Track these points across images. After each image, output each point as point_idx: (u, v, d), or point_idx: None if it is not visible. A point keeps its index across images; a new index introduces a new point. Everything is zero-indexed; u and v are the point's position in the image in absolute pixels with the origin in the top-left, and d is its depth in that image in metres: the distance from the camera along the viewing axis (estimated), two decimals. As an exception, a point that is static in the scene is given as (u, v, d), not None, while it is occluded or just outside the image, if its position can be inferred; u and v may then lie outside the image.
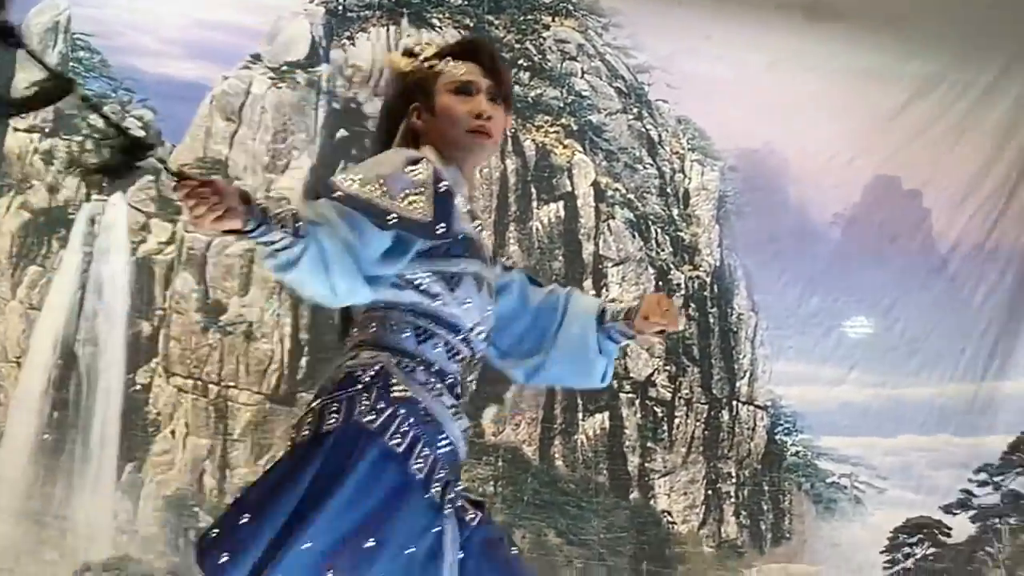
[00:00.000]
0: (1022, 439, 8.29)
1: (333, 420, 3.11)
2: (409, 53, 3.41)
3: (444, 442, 3.26)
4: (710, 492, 7.85)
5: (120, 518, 7.03)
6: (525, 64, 7.85)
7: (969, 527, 8.06)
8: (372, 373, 3.18)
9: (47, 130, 7.31)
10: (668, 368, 7.89)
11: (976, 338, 8.14)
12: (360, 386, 3.16)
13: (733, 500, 7.89)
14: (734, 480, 7.91)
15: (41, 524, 7.00)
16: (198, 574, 6.25)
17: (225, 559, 3.04)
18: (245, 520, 3.07)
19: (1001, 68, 8.44)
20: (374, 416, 3.11)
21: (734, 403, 7.99)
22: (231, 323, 7.15)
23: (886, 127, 8.28)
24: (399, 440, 3.13)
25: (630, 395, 7.80)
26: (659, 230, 7.97)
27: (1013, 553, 8.12)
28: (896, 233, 8.30)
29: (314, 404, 3.18)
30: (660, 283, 7.93)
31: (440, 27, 7.73)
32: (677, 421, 7.87)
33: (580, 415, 7.66)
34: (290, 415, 7.14)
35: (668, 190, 8.02)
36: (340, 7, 7.63)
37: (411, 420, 3.18)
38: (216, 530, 3.12)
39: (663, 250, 7.96)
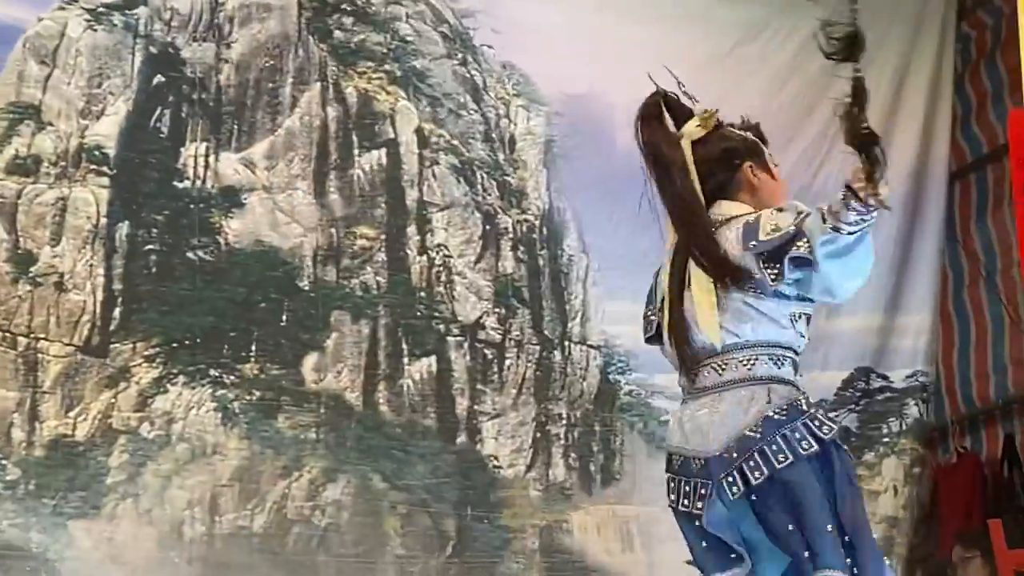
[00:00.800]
0: (855, 375, 8.43)
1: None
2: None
3: None
4: (539, 435, 7.90)
5: (-76, 472, 6.95)
6: (348, 9, 7.86)
7: (805, 462, 8.15)
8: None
9: None
10: (498, 310, 7.93)
11: (807, 278, 8.23)
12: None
13: (563, 442, 7.94)
14: (565, 421, 7.98)
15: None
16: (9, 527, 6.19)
17: None
18: None
19: (826, 13, 8.52)
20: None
21: (566, 343, 8.05)
22: (42, 274, 7.07)
23: (713, 70, 8.33)
24: None
25: (458, 338, 7.83)
26: (485, 175, 8.00)
27: (846, 487, 8.22)
28: (724, 175, 8.38)
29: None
30: (487, 227, 7.96)
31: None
32: (508, 363, 7.92)
33: (405, 360, 7.69)
34: (102, 366, 7.11)
35: (493, 135, 8.05)
36: (161, -50, 7.56)
37: None
38: None
39: (489, 195, 7.99)
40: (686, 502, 3.69)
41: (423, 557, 7.55)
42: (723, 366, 3.76)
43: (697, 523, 3.67)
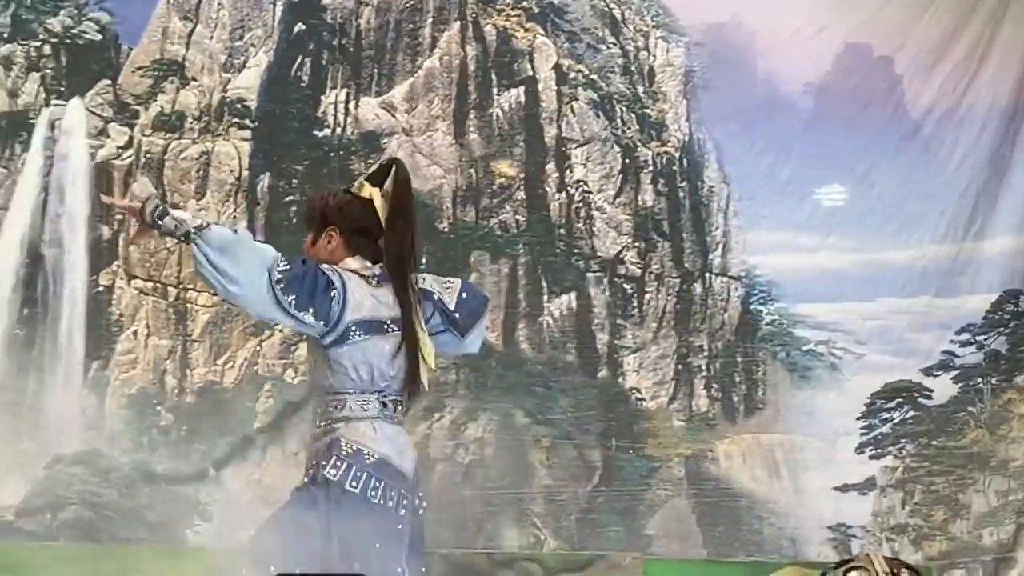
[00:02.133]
0: (1004, 298, 8.30)
1: None
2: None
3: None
4: (680, 367, 7.96)
5: (88, 414, 7.29)
6: (486, -54, 7.85)
7: (951, 388, 8.09)
8: None
9: (4, 35, 7.40)
10: (637, 245, 7.96)
11: (955, 200, 8.13)
12: None
13: (704, 373, 7.99)
14: (706, 353, 8.01)
15: (16, 415, 7.28)
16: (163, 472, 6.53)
17: None
18: None
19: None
20: None
21: (707, 275, 8.06)
22: (189, 227, 7.27)
23: (857, -4, 8.22)
24: None
25: (598, 274, 7.89)
26: (624, 108, 7.98)
27: (994, 412, 8.17)
28: (868, 100, 8.26)
29: None
30: (626, 161, 7.96)
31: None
32: (647, 297, 7.96)
33: (545, 298, 7.78)
34: (247, 316, 7.31)
35: (632, 68, 8.01)
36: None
37: None
38: None
39: (629, 128, 7.98)
40: (391, 504, 3.77)
41: (571, 486, 7.71)
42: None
43: (400, 526, 3.83)
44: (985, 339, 8.18)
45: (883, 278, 8.08)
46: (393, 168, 4.00)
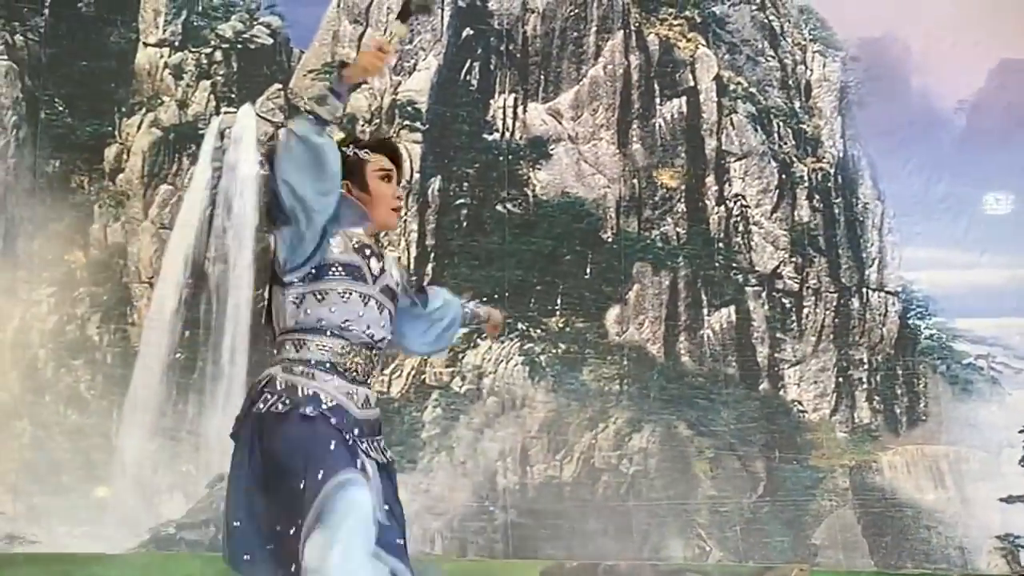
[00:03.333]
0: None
1: None
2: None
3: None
4: (841, 379, 7.87)
5: (252, 433, 7.14)
6: (648, -43, 7.86)
7: None
8: None
9: (175, 44, 7.37)
10: (794, 259, 7.90)
11: (1110, 216, 8.10)
12: None
13: (865, 386, 7.91)
14: (866, 366, 7.93)
15: (175, 439, 7.15)
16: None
17: None
18: None
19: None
20: None
21: (864, 290, 7.99)
22: (359, 233, 7.22)
23: (1011, 8, 8.18)
24: None
25: (756, 288, 7.82)
26: (781, 123, 7.95)
27: None
28: (1022, 116, 8.22)
29: None
30: (783, 176, 7.91)
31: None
32: (806, 311, 7.89)
33: (705, 311, 7.70)
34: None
35: (790, 82, 7.99)
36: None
37: None
38: None
39: (785, 143, 7.94)
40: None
41: (735, 497, 7.59)
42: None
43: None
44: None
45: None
46: None
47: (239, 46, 7.29)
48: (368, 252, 3.99)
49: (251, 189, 7.35)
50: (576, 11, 7.69)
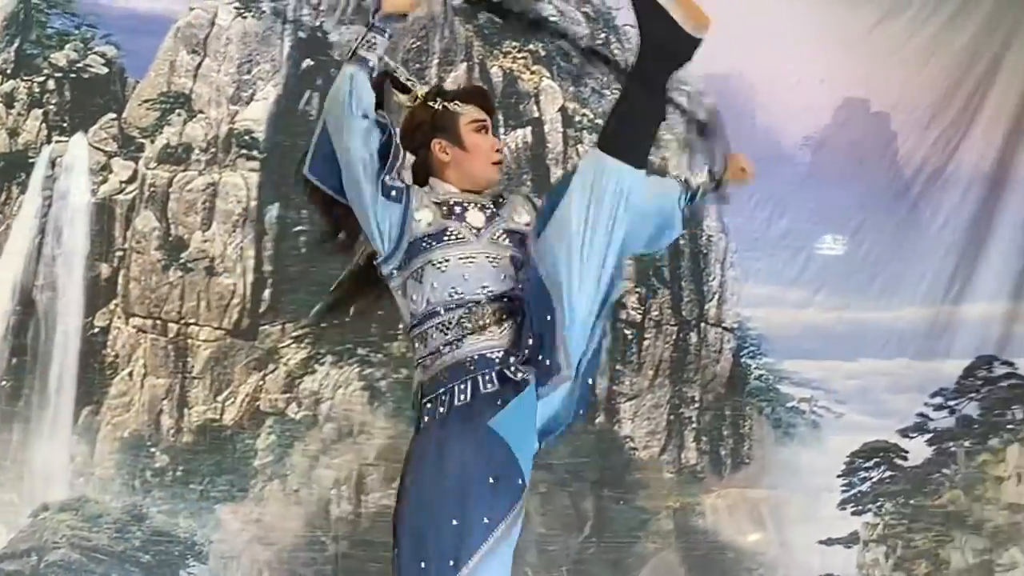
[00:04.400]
0: (977, 363, 8.38)
1: None
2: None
3: None
4: (672, 417, 7.93)
5: (77, 460, 7.05)
6: (493, -12, 7.82)
7: (925, 450, 8.19)
8: None
9: (8, 71, 7.26)
10: (639, 290, 7.93)
11: (936, 262, 8.23)
12: None
13: (695, 425, 7.97)
14: (697, 404, 7.99)
15: (-1, 468, 7.07)
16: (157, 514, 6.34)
17: None
18: None
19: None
20: None
21: (702, 325, 8.04)
22: (192, 259, 7.17)
23: (855, 49, 8.27)
24: None
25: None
26: (627, 156, 7.97)
27: (967, 475, 8.25)
28: (864, 156, 8.32)
29: None
30: (627, 208, 7.94)
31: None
32: (646, 343, 7.93)
33: (551, 340, 7.71)
34: (251, 349, 7.21)
35: (636, 116, 8.01)
36: (307, -64, 7.57)
37: None
38: None
39: (631, 175, 7.96)
40: None
41: (563, 536, 7.63)
42: None
43: None
44: (957, 404, 8.28)
45: (865, 337, 8.14)
46: None
47: (73, 75, 7.18)
48: (460, 208, 3.87)
49: (82, 218, 7.23)
50: (418, 43, 7.65)
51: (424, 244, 3.79)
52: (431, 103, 3.98)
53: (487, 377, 3.74)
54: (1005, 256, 8.27)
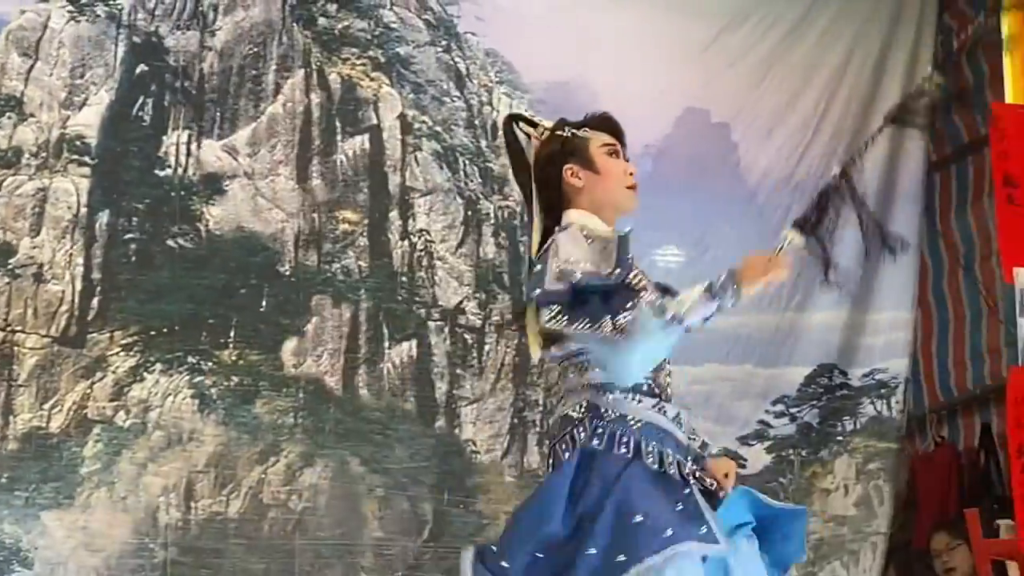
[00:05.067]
0: (818, 371, 8.49)
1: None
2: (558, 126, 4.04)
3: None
4: (515, 420, 7.98)
5: None
6: (333, -5, 7.90)
7: (764, 458, 8.27)
8: None
9: None
10: (478, 296, 8.00)
11: (780, 270, 8.30)
12: None
13: (538, 429, 8.02)
14: (540, 408, 8.05)
15: None
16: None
17: None
18: None
19: (809, 2, 8.60)
20: None
21: (545, 329, 8.08)
22: (21, 265, 7.15)
23: (696, 60, 8.40)
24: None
25: (439, 322, 7.91)
26: (467, 161, 8.05)
27: (800, 484, 8.35)
28: (706, 165, 8.44)
29: None
30: (469, 213, 8.02)
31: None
32: (487, 348, 7.99)
33: (386, 344, 7.78)
34: (79, 357, 7.19)
35: (476, 122, 8.10)
36: (144, -62, 7.60)
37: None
38: None
39: (472, 181, 8.05)
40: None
41: (401, 540, 7.65)
42: None
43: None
44: (798, 411, 8.37)
45: (710, 343, 8.18)
46: None
47: (-98, 75, 7.19)
48: None
49: None
50: (256, 50, 7.71)
51: None
52: (560, 132, 3.96)
53: None
54: (847, 264, 8.37)
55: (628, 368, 3.73)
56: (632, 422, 3.87)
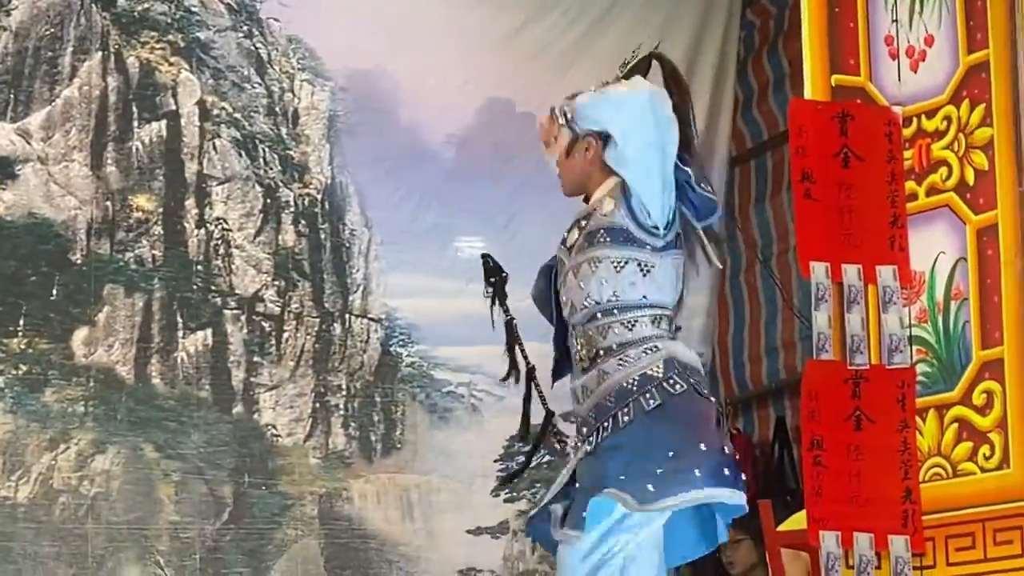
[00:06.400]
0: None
1: None
2: None
3: None
4: (318, 405, 8.01)
5: None
6: (132, -23, 7.83)
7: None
8: None
9: None
10: (277, 283, 8.00)
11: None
12: None
13: (342, 412, 8.06)
14: (344, 392, 8.08)
15: None
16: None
17: None
18: None
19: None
20: None
21: (347, 316, 8.13)
22: None
23: (500, 50, 8.44)
24: None
25: (236, 311, 7.90)
26: (267, 149, 8.04)
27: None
28: (511, 154, 8.46)
29: None
30: (268, 201, 8.02)
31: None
32: (286, 335, 8.00)
33: (180, 333, 7.76)
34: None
35: (277, 109, 8.09)
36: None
37: None
38: None
39: (271, 168, 8.04)
40: None
41: (198, 523, 7.65)
42: None
43: None
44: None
45: (527, 323, 8.20)
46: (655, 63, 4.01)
47: None
48: (570, 225, 3.98)
49: None
50: (52, 31, 7.62)
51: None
52: None
53: None
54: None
55: None
56: None
